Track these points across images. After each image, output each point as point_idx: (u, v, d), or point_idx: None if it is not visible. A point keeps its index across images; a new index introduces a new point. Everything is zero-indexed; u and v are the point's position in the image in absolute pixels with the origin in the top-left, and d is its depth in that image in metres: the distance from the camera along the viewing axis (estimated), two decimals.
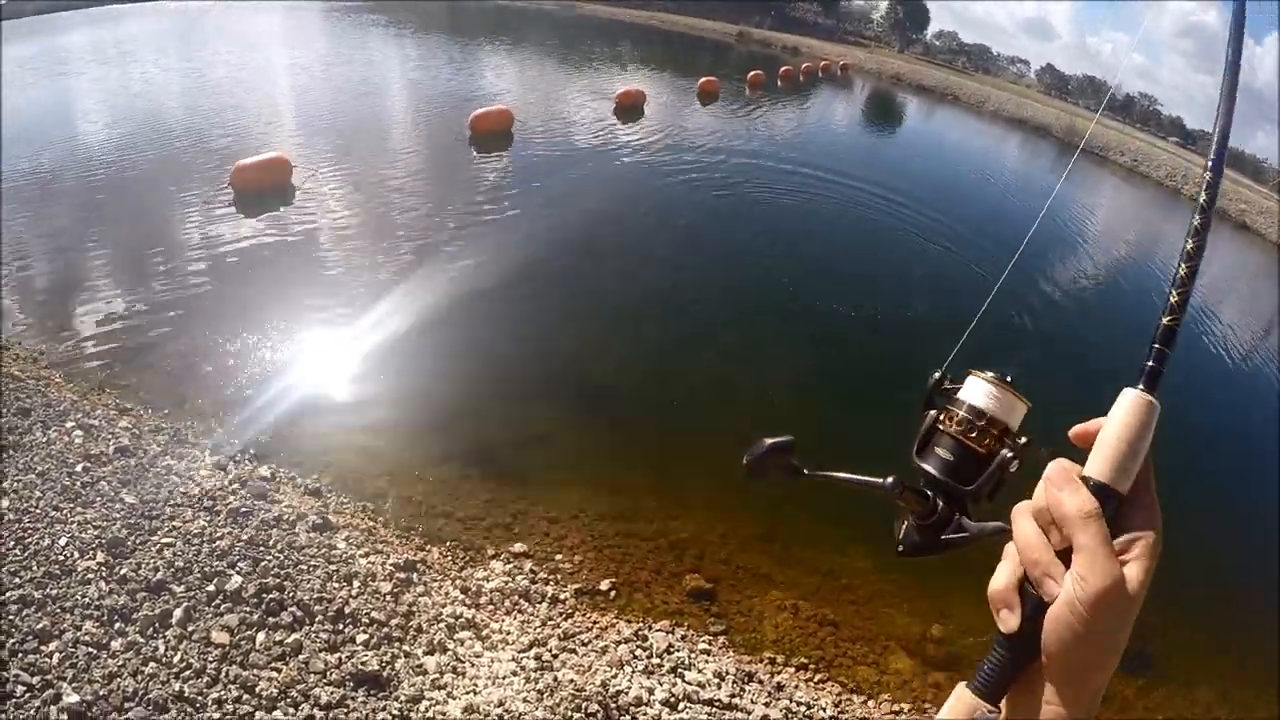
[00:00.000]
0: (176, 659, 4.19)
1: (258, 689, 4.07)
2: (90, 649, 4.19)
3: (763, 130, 25.01)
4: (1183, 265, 0.99)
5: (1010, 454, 0.98)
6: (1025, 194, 25.54)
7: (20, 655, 4.11)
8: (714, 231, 14.09)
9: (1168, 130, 76.65)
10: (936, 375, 1.07)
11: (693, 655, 5.05)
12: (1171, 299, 0.98)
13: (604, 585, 5.49)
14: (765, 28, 72.53)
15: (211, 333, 8.62)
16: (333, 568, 5.07)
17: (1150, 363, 0.95)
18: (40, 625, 4.29)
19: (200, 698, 3.99)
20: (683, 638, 5.21)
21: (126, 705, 3.90)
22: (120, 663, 4.13)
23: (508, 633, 4.83)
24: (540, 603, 5.20)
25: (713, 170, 18.17)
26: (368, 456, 6.72)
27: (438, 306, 9.46)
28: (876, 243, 15.90)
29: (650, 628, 5.09)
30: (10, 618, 4.34)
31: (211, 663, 4.19)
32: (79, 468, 5.79)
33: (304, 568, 5.01)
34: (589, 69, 34.63)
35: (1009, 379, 1.01)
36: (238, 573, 4.84)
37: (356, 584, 4.96)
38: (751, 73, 34.47)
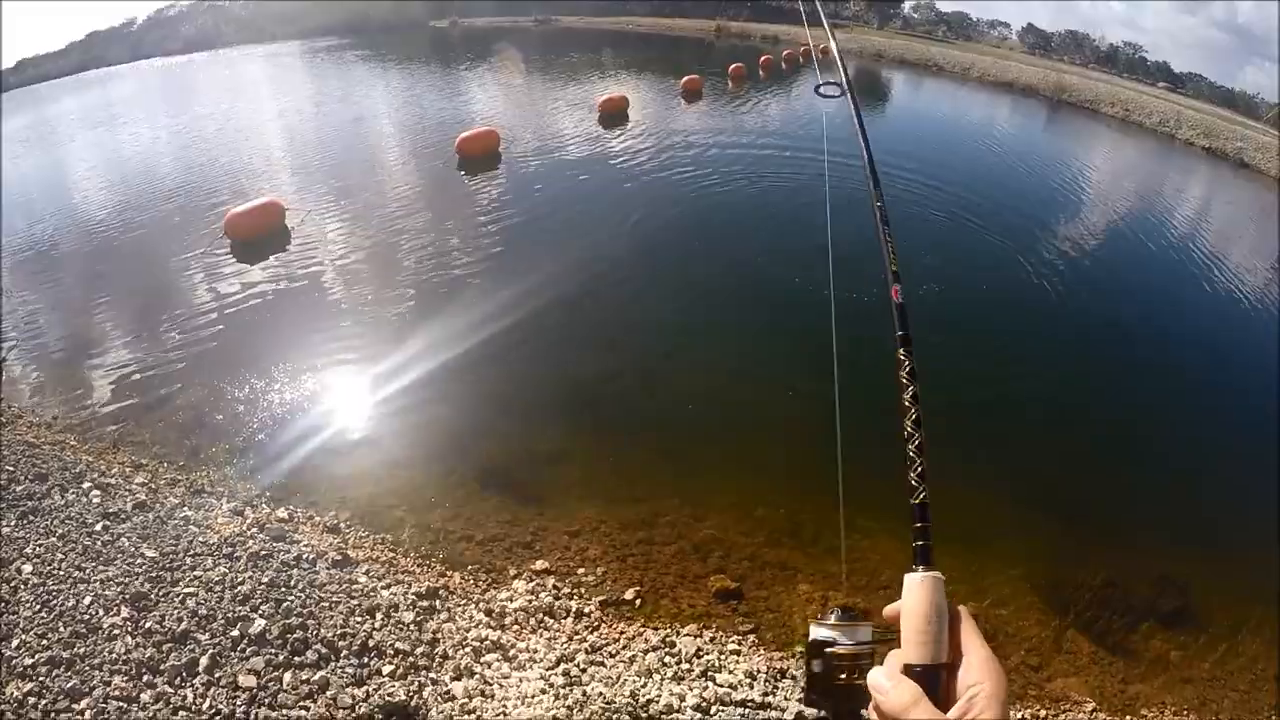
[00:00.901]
0: (205, 705, 4.24)
1: None
2: (121, 703, 4.25)
3: (751, 122, 24.94)
4: (914, 432, 1.15)
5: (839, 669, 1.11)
6: (1027, 159, 25.30)
7: (53, 716, 4.18)
8: (713, 231, 14.06)
9: (1155, 76, 75.36)
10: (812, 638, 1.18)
11: (723, 657, 5.04)
12: (913, 480, 1.13)
13: (629, 594, 5.49)
14: (742, 19, 72.55)
15: (220, 382, 8.73)
16: (354, 602, 5.11)
17: (918, 541, 1.09)
18: (70, 684, 4.36)
19: None
20: (711, 640, 5.20)
21: None
22: (150, 714, 4.19)
23: (534, 651, 4.85)
24: (565, 618, 5.20)
25: (703, 167, 18.17)
26: (383, 488, 6.77)
27: (440, 334, 9.54)
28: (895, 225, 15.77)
29: (678, 633, 5.08)
30: (41, 679, 4.41)
31: (240, 706, 4.24)
32: (98, 527, 5.88)
33: (326, 605, 5.05)
34: (571, 81, 34.79)
35: (846, 610, 1.14)
36: (260, 615, 4.89)
37: (379, 616, 4.99)
38: (732, 66, 34.42)
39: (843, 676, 1.11)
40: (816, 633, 1.15)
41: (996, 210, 17.01)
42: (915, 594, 1.01)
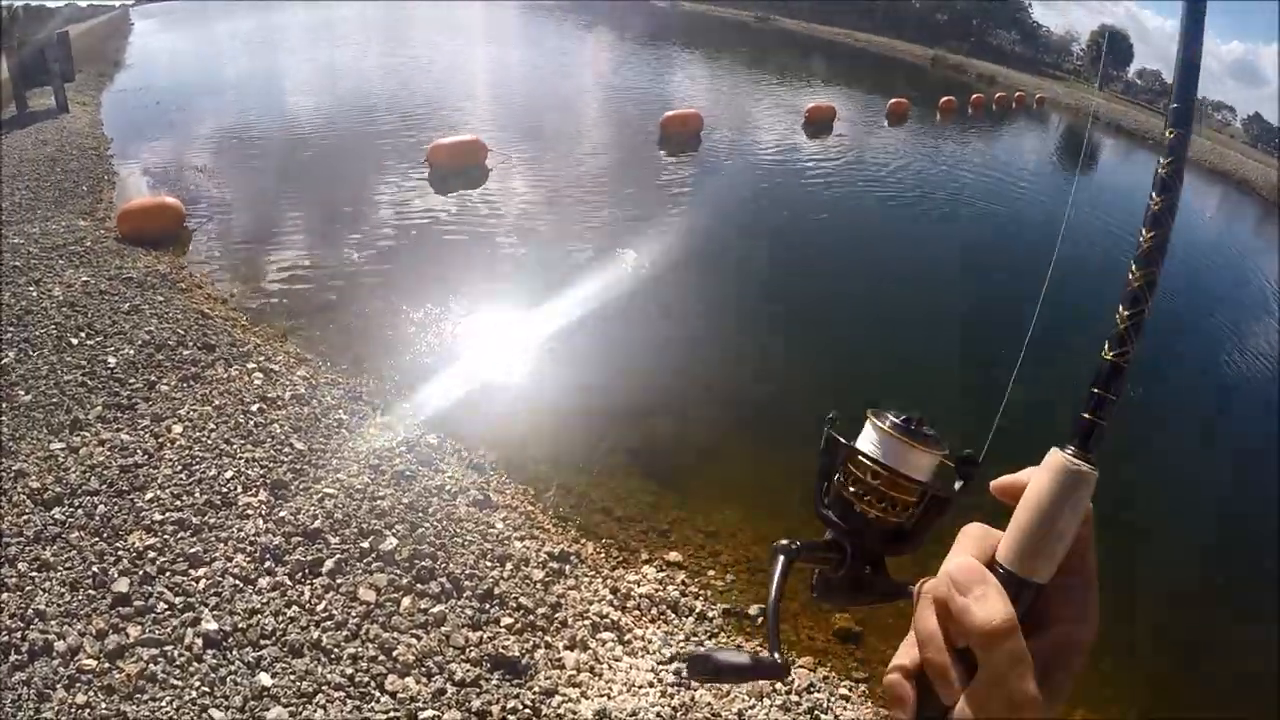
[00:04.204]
0: (320, 607, 4.22)
1: (395, 652, 4.02)
2: (237, 581, 4.29)
3: (954, 157, 24.03)
4: (1138, 271, 0.77)
5: (908, 516, 0.86)
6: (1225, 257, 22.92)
7: (168, 574, 4.26)
8: (912, 259, 13.49)
9: None
10: (830, 416, 0.93)
11: (832, 699, 4.68)
12: (1120, 324, 0.77)
13: (753, 610, 5.20)
14: (962, 53, 70.74)
15: (394, 298, 8.95)
16: (488, 546, 5.01)
17: (1086, 414, 0.76)
18: (193, 550, 4.44)
19: (336, 650, 3.97)
20: (825, 679, 4.85)
21: (262, 642, 3.94)
22: (265, 600, 4.19)
23: (650, 641, 4.63)
24: (687, 617, 4.97)
25: (901, 193, 17.59)
26: (534, 441, 6.69)
27: (618, 301, 9.44)
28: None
29: (794, 663, 4.78)
30: (165, 537, 4.51)
31: (354, 618, 4.19)
32: (254, 407, 6.06)
33: (459, 541, 4.98)
34: (781, 81, 34.67)
35: (912, 423, 0.85)
36: (394, 534, 4.86)
37: (509, 566, 4.88)
38: (943, 99, 33.42)
39: (869, 511, 0.85)
40: (866, 431, 0.88)
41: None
42: (1054, 482, 0.72)
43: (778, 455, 7.15)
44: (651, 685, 4.28)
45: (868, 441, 0.87)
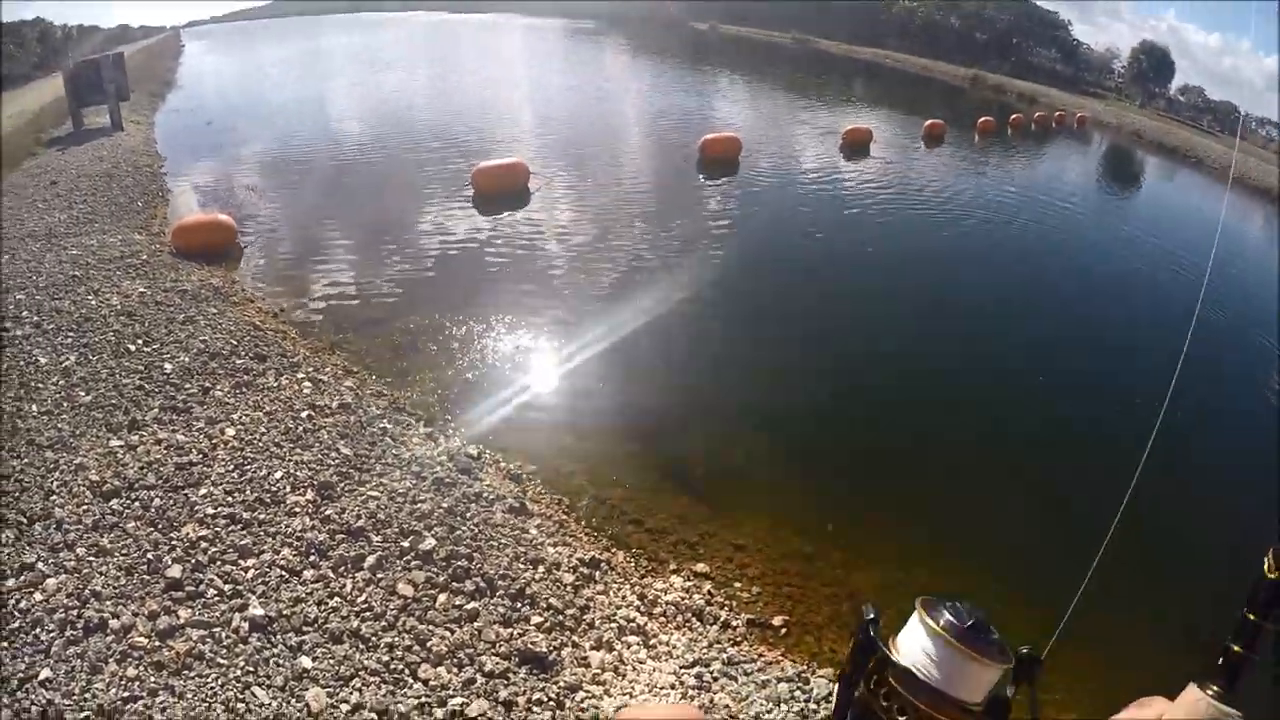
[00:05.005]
0: (360, 599, 4.50)
1: (429, 643, 4.28)
2: (283, 572, 4.60)
3: (991, 179, 23.86)
4: None
5: None
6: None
7: (218, 563, 4.59)
8: (945, 279, 13.52)
9: None
10: (871, 617, 0.86)
11: None
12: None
13: (776, 621, 5.39)
14: (1002, 73, 70.31)
15: (438, 315, 9.31)
16: (521, 549, 5.27)
17: (1236, 646, 0.69)
18: (243, 542, 4.77)
19: (374, 638, 4.25)
20: None
21: (305, 629, 4.23)
22: (309, 590, 4.49)
23: (674, 646, 4.84)
24: (712, 624, 5.17)
25: (936, 217, 17.53)
26: (570, 454, 6.95)
27: (655, 321, 9.70)
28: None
29: (814, 672, 4.92)
30: (217, 529, 4.84)
31: (392, 611, 4.47)
32: (304, 414, 6.43)
33: (494, 544, 5.24)
34: (818, 103, 34.86)
35: (978, 627, 0.76)
36: (432, 536, 5.14)
37: (541, 569, 5.13)
38: (981, 119, 33.23)
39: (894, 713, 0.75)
40: (914, 630, 0.80)
41: None
42: None
43: (809, 475, 7.35)
44: (673, 687, 4.49)
45: (917, 647, 0.79)
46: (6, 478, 5.22)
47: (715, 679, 4.60)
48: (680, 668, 4.66)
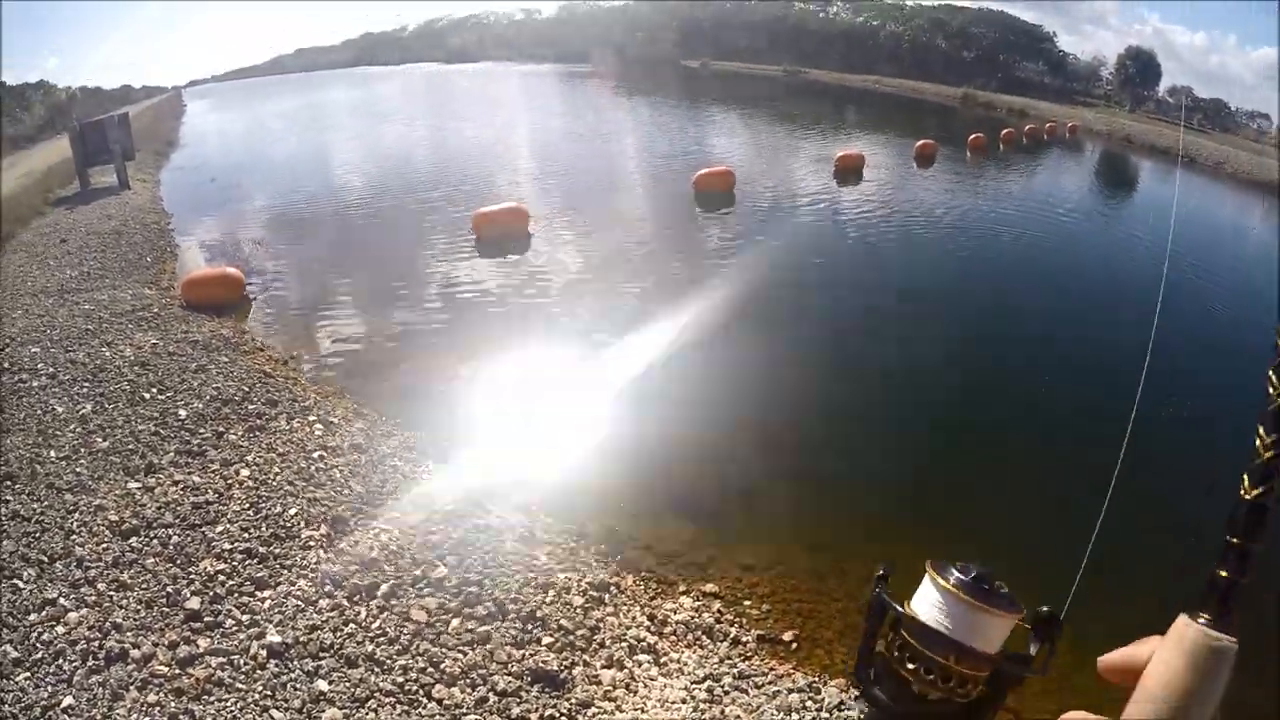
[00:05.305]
0: (375, 625, 4.65)
1: (443, 665, 4.42)
2: (299, 602, 4.75)
3: (984, 194, 24.01)
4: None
5: (974, 694, 0.78)
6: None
7: (236, 595, 4.76)
8: (943, 299, 13.62)
9: None
10: (880, 574, 0.89)
11: (862, 717, 4.94)
12: (1263, 451, 0.67)
13: (787, 635, 5.49)
14: (991, 89, 70.85)
15: (444, 358, 9.52)
16: (531, 575, 5.41)
17: (1223, 571, 0.68)
18: (260, 575, 4.93)
19: (389, 662, 4.39)
20: (856, 698, 5.13)
21: (321, 654, 4.37)
22: (324, 618, 4.64)
23: (684, 663, 4.95)
24: (722, 641, 5.28)
25: (928, 236, 17.63)
26: (579, 485, 7.08)
27: (661, 355, 9.86)
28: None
29: (825, 683, 5.03)
30: (234, 563, 5.02)
31: (406, 636, 4.61)
32: (316, 454, 6.62)
33: (504, 571, 5.38)
34: (811, 132, 35.42)
35: (984, 581, 0.79)
36: (444, 564, 5.29)
37: (551, 594, 5.27)
38: (972, 136, 33.43)
39: (931, 691, 0.78)
40: (925, 591, 0.82)
41: None
42: (1188, 662, 0.63)
43: (818, 498, 7.47)
44: (684, 702, 4.60)
45: (928, 604, 0.80)
46: (28, 519, 5.41)
47: (726, 692, 4.71)
48: (691, 683, 4.77)
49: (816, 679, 5.00)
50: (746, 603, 5.79)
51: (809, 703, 4.75)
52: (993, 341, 11.63)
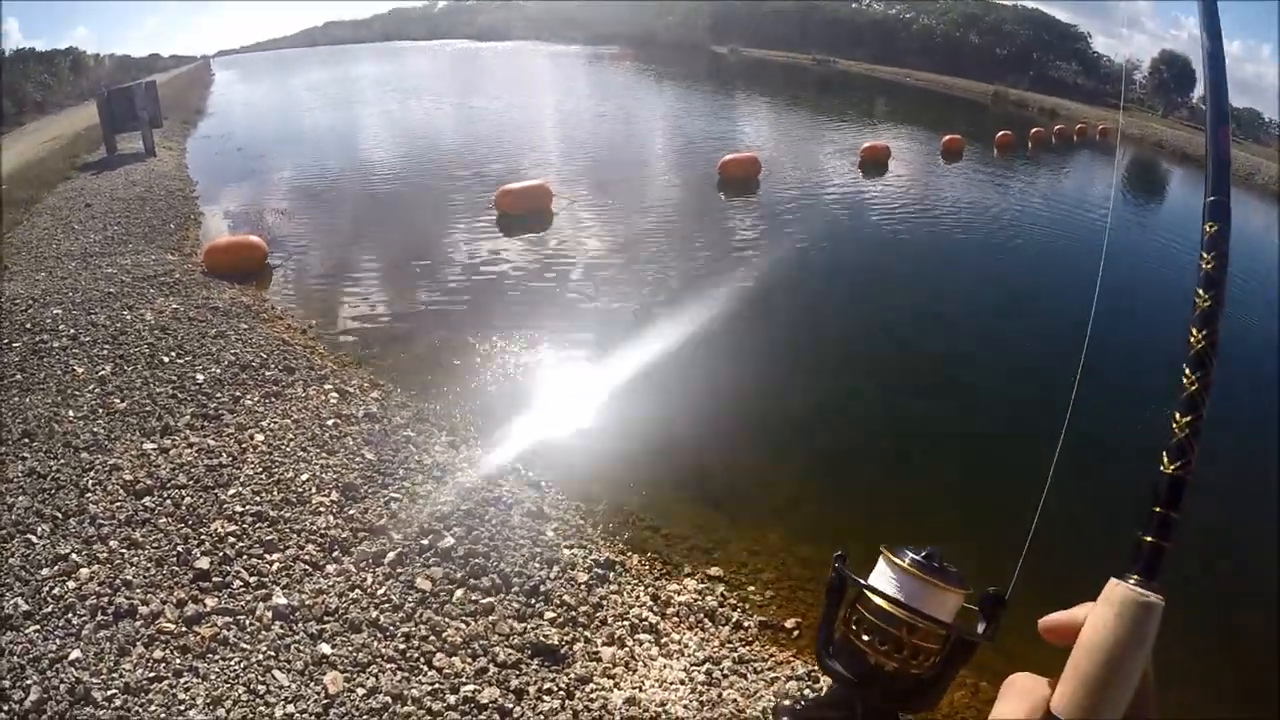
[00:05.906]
0: (380, 592, 4.72)
1: (445, 634, 4.48)
2: (307, 566, 4.84)
3: (1007, 193, 23.62)
4: (1192, 374, 0.75)
5: (929, 666, 0.83)
6: None
7: (245, 556, 4.84)
8: (965, 294, 13.53)
9: None
10: (839, 554, 0.94)
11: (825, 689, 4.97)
12: (1179, 432, 0.74)
13: (789, 623, 5.51)
14: (1023, 88, 70.19)
15: (462, 333, 9.60)
16: (537, 550, 5.47)
17: (1149, 536, 0.73)
18: (269, 538, 5.02)
19: (392, 628, 4.46)
20: (815, 670, 5.18)
21: (326, 618, 4.45)
22: (330, 583, 4.72)
23: (685, 645, 4.99)
24: (724, 625, 5.32)
25: (951, 232, 17.52)
26: (590, 464, 7.13)
27: (678, 339, 9.87)
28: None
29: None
30: (245, 525, 5.11)
31: (410, 603, 4.68)
32: (330, 422, 6.70)
33: (511, 545, 5.44)
34: (839, 123, 35.32)
35: (934, 559, 0.85)
36: (451, 535, 5.36)
37: (556, 569, 5.32)
38: (1000, 134, 33.06)
39: (887, 662, 0.83)
40: (880, 570, 0.87)
41: None
42: (1118, 618, 0.69)
43: (825, 484, 7.50)
44: (683, 683, 4.65)
45: (884, 580, 0.85)
46: (44, 476, 5.52)
47: (725, 676, 4.76)
48: (691, 665, 4.82)
49: (816, 667, 5.03)
50: (751, 588, 5.82)
51: (808, 691, 4.78)
52: (1009, 333, 11.56)
